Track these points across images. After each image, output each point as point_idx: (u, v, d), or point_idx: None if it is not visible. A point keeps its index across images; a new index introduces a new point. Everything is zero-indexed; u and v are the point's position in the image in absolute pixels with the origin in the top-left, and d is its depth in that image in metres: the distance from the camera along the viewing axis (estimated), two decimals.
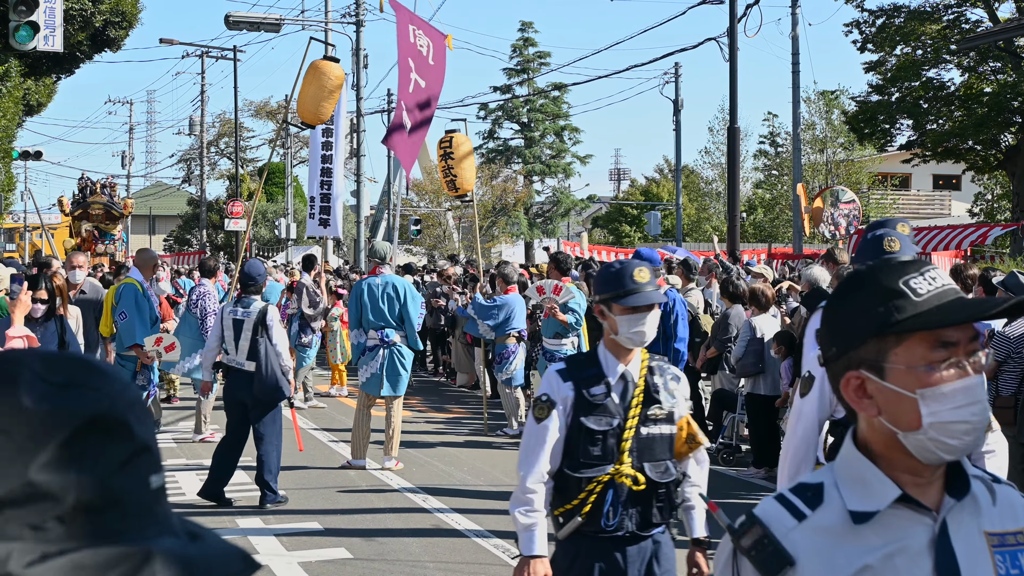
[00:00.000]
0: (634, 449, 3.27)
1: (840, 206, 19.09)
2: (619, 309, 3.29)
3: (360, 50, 27.51)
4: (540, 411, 3.29)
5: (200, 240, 46.38)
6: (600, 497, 3.25)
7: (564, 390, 3.29)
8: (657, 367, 3.38)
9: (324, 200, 13.23)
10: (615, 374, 3.31)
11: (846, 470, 1.55)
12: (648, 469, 3.28)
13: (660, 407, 3.31)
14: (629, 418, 3.27)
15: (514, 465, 10.16)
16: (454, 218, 44.67)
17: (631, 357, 3.34)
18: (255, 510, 7.92)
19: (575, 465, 3.26)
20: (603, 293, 3.34)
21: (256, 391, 7.90)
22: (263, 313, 8.01)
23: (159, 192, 64.79)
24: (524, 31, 44.37)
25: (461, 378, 15.80)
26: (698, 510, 3.46)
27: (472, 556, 6.78)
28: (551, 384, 3.32)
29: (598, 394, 3.27)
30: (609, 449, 3.25)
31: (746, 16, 20.30)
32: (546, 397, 3.30)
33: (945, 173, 42.79)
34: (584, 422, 3.25)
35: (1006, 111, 23.03)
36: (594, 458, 3.25)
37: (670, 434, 3.34)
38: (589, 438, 3.25)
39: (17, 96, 21.40)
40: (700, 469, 3.48)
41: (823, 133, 40.36)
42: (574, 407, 3.27)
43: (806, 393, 3.51)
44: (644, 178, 57.23)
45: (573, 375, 3.31)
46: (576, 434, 3.26)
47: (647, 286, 3.29)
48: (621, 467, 3.25)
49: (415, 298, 9.60)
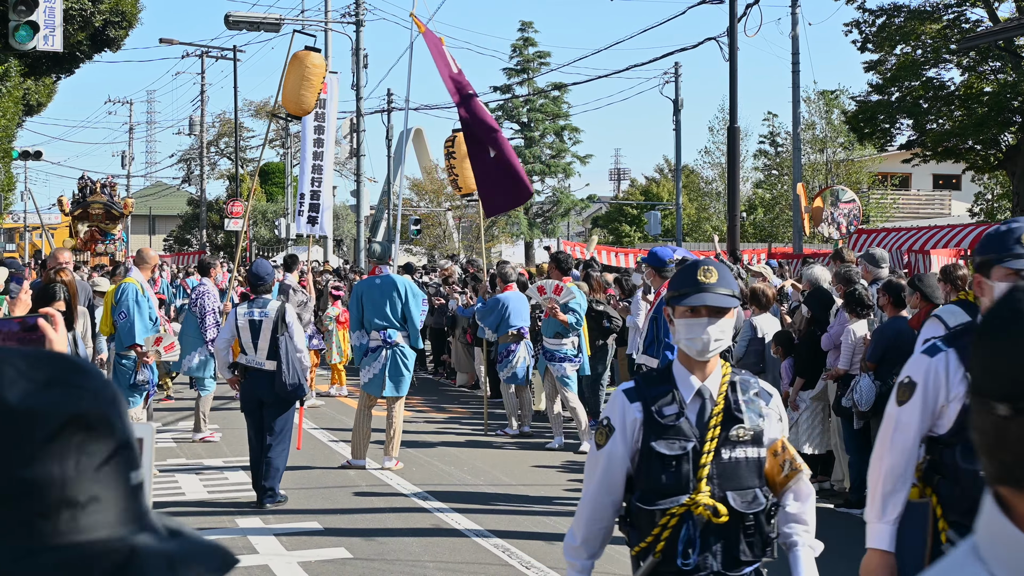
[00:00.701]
0: (714, 475, 2.86)
1: (840, 206, 19.07)
2: (680, 311, 2.94)
3: (360, 50, 27.50)
4: (599, 436, 2.97)
5: (200, 240, 46.37)
6: (675, 532, 2.86)
7: (631, 412, 2.92)
8: (741, 382, 2.97)
9: (314, 198, 13.21)
10: (690, 390, 2.92)
11: (1006, 554, 0.99)
12: (732, 498, 2.86)
13: (743, 427, 2.90)
14: (707, 440, 2.87)
15: (514, 464, 10.16)
16: (454, 218, 44.68)
17: (709, 370, 2.94)
18: (255, 510, 7.91)
19: (647, 497, 2.89)
20: (669, 291, 3.01)
21: (277, 389, 7.97)
22: (281, 312, 8.06)
23: (159, 192, 64.76)
24: (524, 31, 44.36)
25: (461, 378, 15.80)
26: (803, 550, 2.99)
27: (472, 556, 6.78)
28: (615, 406, 2.96)
29: (670, 414, 2.89)
30: (684, 476, 2.86)
31: (746, 16, 20.29)
32: (606, 421, 2.96)
33: (945, 173, 42.77)
34: (655, 447, 2.88)
35: (1006, 111, 23.01)
36: (666, 487, 2.86)
37: (757, 457, 2.92)
38: (660, 465, 2.87)
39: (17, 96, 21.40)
40: (803, 504, 3.01)
41: (823, 133, 40.34)
42: (644, 430, 2.90)
43: (905, 401, 3.15)
44: (644, 178, 57.22)
45: (642, 394, 2.93)
46: (647, 461, 2.89)
47: (713, 287, 2.90)
48: (698, 496, 2.84)
49: (416, 295, 9.60)
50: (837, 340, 8.28)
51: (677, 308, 2.95)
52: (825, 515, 8.05)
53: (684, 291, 2.92)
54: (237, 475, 9.18)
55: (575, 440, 10.58)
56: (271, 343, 8.03)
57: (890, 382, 7.60)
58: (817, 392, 8.74)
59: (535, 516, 7.87)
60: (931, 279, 7.73)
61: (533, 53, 43.98)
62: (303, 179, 13.20)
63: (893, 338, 7.64)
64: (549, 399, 10.84)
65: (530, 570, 6.43)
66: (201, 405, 11.03)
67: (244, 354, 8.17)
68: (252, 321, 8.10)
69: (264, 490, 8.01)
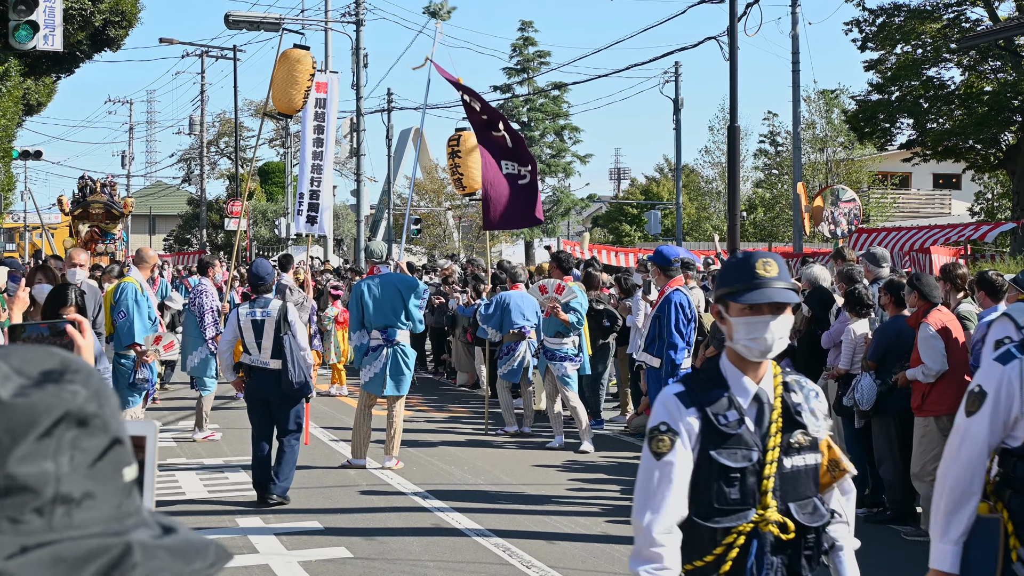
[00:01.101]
0: (777, 488, 2.63)
1: (840, 205, 19.06)
2: (737, 308, 2.67)
3: (360, 49, 27.49)
4: (659, 444, 2.63)
5: (200, 240, 46.37)
6: (743, 551, 2.62)
7: (688, 418, 2.64)
8: (794, 382, 2.76)
9: (313, 197, 13.21)
10: (746, 394, 2.68)
11: None
12: (795, 511, 2.65)
13: (805, 432, 2.68)
14: (769, 449, 2.63)
15: (515, 463, 10.13)
16: (454, 217, 44.67)
17: (762, 372, 2.71)
18: (255, 509, 7.91)
19: (706, 512, 2.62)
20: (721, 287, 2.74)
21: (284, 388, 7.99)
22: (283, 311, 8.08)
23: (159, 192, 64.77)
24: (524, 30, 44.36)
25: (461, 377, 15.80)
26: (847, 552, 2.81)
27: (472, 555, 6.77)
28: (669, 410, 2.67)
29: (730, 421, 2.63)
30: (749, 490, 2.61)
31: (746, 15, 20.29)
32: (665, 426, 2.64)
33: (945, 172, 42.77)
34: (716, 457, 2.61)
35: (1006, 110, 23.02)
36: (732, 502, 2.61)
37: (815, 465, 2.72)
38: (724, 477, 2.61)
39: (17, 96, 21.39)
40: (847, 501, 2.85)
41: (823, 132, 40.34)
42: (701, 438, 2.63)
43: (974, 411, 2.98)
44: (644, 177, 57.21)
45: (696, 398, 2.66)
46: (706, 473, 2.62)
47: (775, 281, 2.64)
48: (766, 512, 2.61)
49: (415, 286, 9.61)
50: (837, 338, 8.27)
51: (733, 305, 2.67)
52: None
53: (741, 287, 2.65)
54: (237, 474, 9.18)
55: (575, 440, 10.58)
56: (275, 342, 8.05)
57: (889, 381, 7.61)
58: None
59: (536, 515, 7.87)
60: (929, 278, 7.72)
61: (533, 53, 43.98)
62: (303, 178, 13.20)
63: (894, 337, 7.63)
64: (550, 398, 10.84)
65: (530, 569, 6.43)
66: (203, 404, 11.03)
67: (248, 354, 8.18)
68: (255, 321, 8.12)
69: (276, 483, 8.04)
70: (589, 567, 6.55)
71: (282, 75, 11.57)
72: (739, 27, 19.70)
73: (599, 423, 11.86)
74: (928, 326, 7.24)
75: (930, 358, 7.20)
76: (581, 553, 6.83)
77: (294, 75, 11.58)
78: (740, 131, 20.09)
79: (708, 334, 10.42)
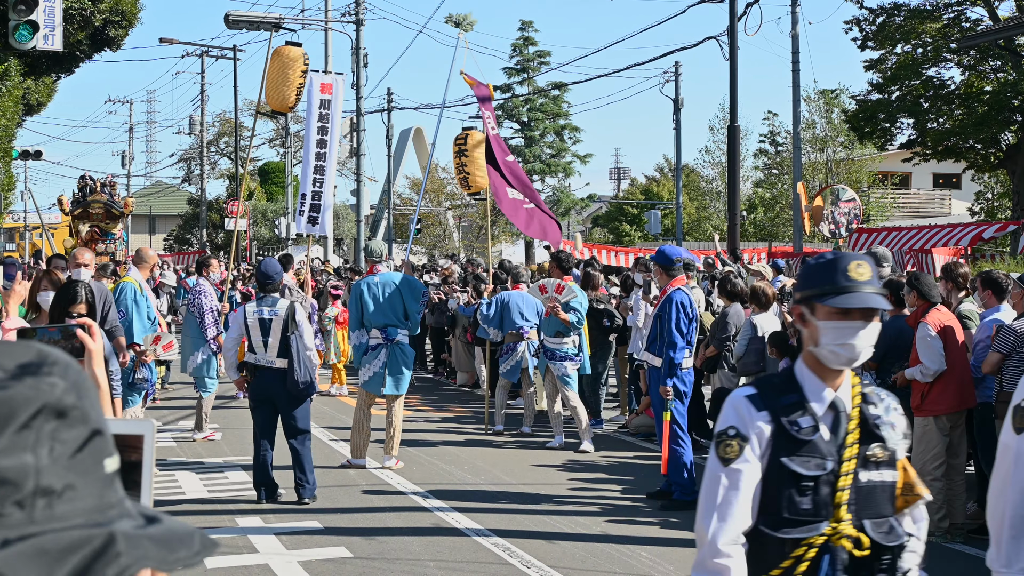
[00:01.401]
0: (852, 501, 2.49)
1: (840, 205, 19.06)
2: (824, 312, 2.51)
3: (360, 49, 27.49)
4: (727, 449, 2.52)
5: (200, 239, 46.38)
6: (813, 565, 2.48)
7: (759, 422, 2.51)
8: (873, 393, 2.62)
9: (315, 198, 13.21)
10: (822, 402, 2.53)
11: None
12: (870, 528, 2.51)
13: (883, 446, 2.54)
14: (844, 460, 2.49)
15: (515, 463, 10.11)
16: (454, 217, 44.68)
17: (840, 380, 2.56)
18: (255, 509, 7.91)
19: (776, 522, 2.49)
20: (806, 289, 2.58)
21: (290, 387, 7.98)
22: (291, 311, 8.08)
23: (159, 192, 64.76)
24: (524, 30, 44.38)
25: (461, 377, 15.80)
26: None
27: (472, 555, 6.77)
28: (740, 413, 2.54)
29: (804, 427, 2.49)
30: (822, 501, 2.48)
31: (746, 15, 20.31)
32: (734, 431, 2.52)
33: (945, 172, 42.75)
34: (788, 464, 2.48)
35: (1006, 110, 23.01)
36: (803, 513, 2.47)
37: (892, 482, 2.57)
38: (796, 486, 2.48)
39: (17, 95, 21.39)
40: (918, 529, 2.65)
41: (823, 132, 40.33)
42: (772, 444, 2.50)
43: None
44: (644, 177, 57.20)
45: (769, 402, 2.52)
46: (776, 481, 2.49)
47: (866, 285, 2.49)
48: (840, 525, 2.47)
49: (414, 286, 9.61)
50: None
51: (820, 308, 2.51)
52: None
53: (831, 289, 2.49)
54: (237, 474, 9.17)
55: (575, 439, 10.57)
56: (281, 341, 8.04)
57: (889, 381, 7.60)
58: None
59: (535, 515, 7.87)
60: (928, 278, 7.73)
61: (533, 52, 44.00)
62: (305, 179, 13.19)
63: (894, 337, 7.63)
64: (550, 398, 10.84)
65: (530, 569, 6.43)
66: (203, 405, 11.02)
67: (253, 353, 8.16)
68: (262, 320, 8.11)
69: (300, 485, 8.07)
70: (589, 567, 6.55)
71: (275, 73, 11.60)
72: (739, 27, 19.74)
73: (599, 423, 11.86)
74: (927, 326, 7.24)
75: (928, 358, 7.19)
76: (581, 553, 6.82)
77: (286, 73, 11.61)
78: (740, 131, 20.10)
79: (708, 333, 10.42)
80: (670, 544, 7.07)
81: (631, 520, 7.73)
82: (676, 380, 8.12)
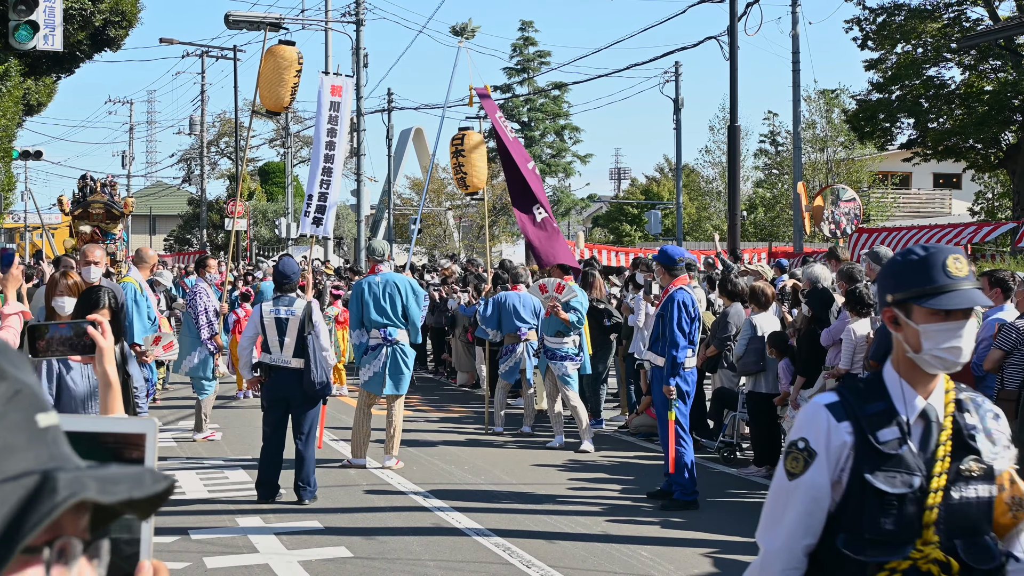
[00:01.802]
0: (942, 521, 2.26)
1: (841, 205, 19.08)
2: (924, 314, 2.28)
3: (360, 49, 27.49)
4: (794, 463, 2.32)
5: (200, 240, 46.38)
6: None
7: (839, 433, 2.29)
8: (969, 400, 2.37)
9: (321, 199, 13.22)
10: (913, 411, 2.31)
11: None
12: (961, 550, 2.27)
13: (978, 459, 2.30)
14: (934, 476, 2.27)
15: (515, 463, 10.08)
16: (454, 217, 44.69)
17: (933, 386, 2.34)
18: (255, 509, 7.91)
19: (857, 543, 2.27)
20: (899, 290, 2.32)
21: (306, 388, 7.98)
22: (308, 311, 8.08)
23: (159, 192, 64.76)
24: (524, 30, 44.43)
25: (461, 377, 15.80)
26: None
27: (472, 555, 6.77)
28: (816, 423, 2.32)
29: (890, 440, 2.28)
30: (908, 521, 2.25)
31: (746, 15, 20.31)
32: (803, 443, 2.32)
33: (946, 172, 42.76)
34: (872, 481, 2.26)
35: (1006, 109, 23.02)
36: (887, 534, 2.25)
37: (989, 498, 2.31)
38: (879, 504, 2.26)
39: (17, 96, 21.39)
40: None
41: (824, 132, 40.34)
42: (854, 458, 2.28)
43: None
44: (644, 177, 57.19)
45: (852, 411, 2.30)
46: (858, 498, 2.27)
47: (966, 281, 2.28)
48: (927, 548, 2.25)
49: (418, 293, 9.61)
50: (837, 336, 8.27)
51: (917, 310, 2.28)
52: None
53: (932, 289, 2.27)
54: (237, 474, 9.17)
55: (576, 439, 10.57)
56: (298, 341, 8.03)
57: None
58: (816, 391, 8.73)
59: (536, 515, 7.87)
60: None
61: (533, 52, 44.04)
62: (312, 180, 13.17)
63: None
64: (550, 398, 10.83)
65: (531, 569, 6.42)
66: (203, 405, 11.02)
67: (268, 353, 8.14)
68: (279, 319, 8.10)
69: (301, 486, 8.07)
70: (589, 566, 6.54)
71: (268, 72, 11.57)
72: (739, 27, 19.74)
73: (599, 422, 11.86)
74: None
75: None
76: (581, 552, 6.82)
77: (280, 72, 11.58)
78: (740, 131, 20.10)
79: (708, 333, 10.42)
80: (671, 544, 7.07)
81: (632, 520, 7.73)
82: (679, 380, 8.11)
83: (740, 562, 6.60)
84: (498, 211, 40.50)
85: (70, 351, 2.81)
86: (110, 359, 2.80)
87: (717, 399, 10.52)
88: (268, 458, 8.12)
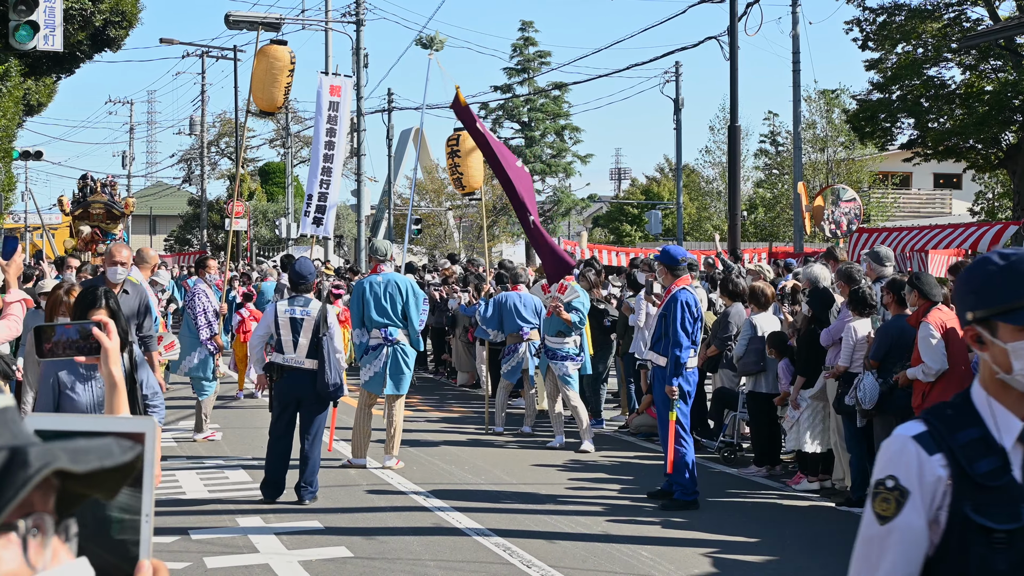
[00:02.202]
0: None
1: (841, 205, 19.07)
2: (1011, 332, 2.00)
3: (360, 49, 27.49)
4: (884, 504, 2.04)
5: (201, 240, 46.39)
6: None
7: (932, 467, 2.02)
8: None
9: (321, 199, 13.23)
10: (1011, 435, 2.02)
11: None
12: None
13: None
14: None
15: (515, 463, 10.08)
16: (455, 217, 44.67)
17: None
18: (255, 509, 7.90)
19: None
20: (981, 306, 2.05)
21: (319, 389, 7.96)
22: (324, 312, 8.07)
23: (160, 192, 64.78)
24: (524, 30, 44.39)
25: (462, 377, 15.79)
26: None
27: (473, 555, 6.76)
28: (905, 458, 2.04)
29: (989, 470, 2.00)
30: (1019, 560, 1.98)
31: (746, 15, 20.33)
32: (892, 482, 2.04)
33: (946, 172, 42.75)
34: (973, 517, 1.99)
35: (1007, 110, 23.00)
36: (1000, 575, 1.99)
37: None
38: (986, 543, 1.99)
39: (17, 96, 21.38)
40: None
41: (824, 132, 40.33)
42: (953, 493, 2.01)
43: None
44: (645, 177, 57.19)
45: (943, 441, 2.03)
46: (960, 537, 2.01)
47: None
48: None
49: (418, 296, 9.60)
50: (836, 336, 8.27)
51: (1003, 327, 2.01)
52: (826, 513, 8.05)
53: (1019, 303, 1.99)
54: (238, 474, 9.17)
55: (576, 439, 10.57)
56: (312, 342, 8.01)
57: (891, 380, 7.60)
58: (816, 391, 8.73)
59: (536, 515, 7.86)
60: (929, 277, 7.73)
61: (533, 52, 44.00)
62: (312, 180, 13.19)
63: (896, 336, 7.64)
64: (550, 398, 10.83)
65: (531, 569, 6.42)
66: (203, 406, 11.02)
67: (281, 353, 8.09)
68: (294, 319, 8.08)
69: (303, 486, 8.06)
70: (590, 566, 6.54)
71: (261, 73, 11.57)
72: (739, 27, 19.76)
73: (599, 422, 11.86)
74: (928, 325, 7.24)
75: (930, 357, 7.19)
76: (582, 552, 6.82)
77: (273, 72, 11.58)
78: (741, 131, 20.10)
79: (709, 333, 10.42)
80: (671, 544, 7.07)
81: (632, 520, 7.73)
82: (681, 380, 8.11)
83: (740, 562, 6.61)
84: (498, 211, 40.49)
85: (76, 353, 2.82)
86: (115, 360, 2.80)
87: (717, 399, 10.52)
88: (277, 459, 8.09)
